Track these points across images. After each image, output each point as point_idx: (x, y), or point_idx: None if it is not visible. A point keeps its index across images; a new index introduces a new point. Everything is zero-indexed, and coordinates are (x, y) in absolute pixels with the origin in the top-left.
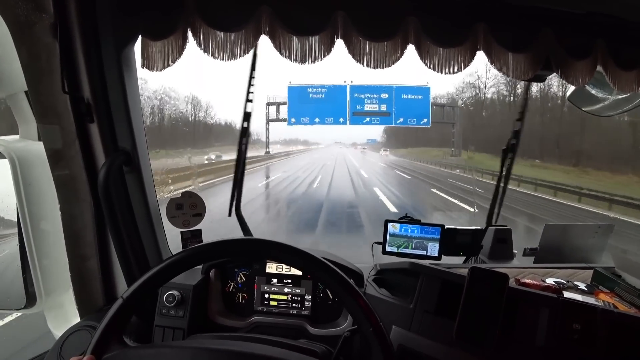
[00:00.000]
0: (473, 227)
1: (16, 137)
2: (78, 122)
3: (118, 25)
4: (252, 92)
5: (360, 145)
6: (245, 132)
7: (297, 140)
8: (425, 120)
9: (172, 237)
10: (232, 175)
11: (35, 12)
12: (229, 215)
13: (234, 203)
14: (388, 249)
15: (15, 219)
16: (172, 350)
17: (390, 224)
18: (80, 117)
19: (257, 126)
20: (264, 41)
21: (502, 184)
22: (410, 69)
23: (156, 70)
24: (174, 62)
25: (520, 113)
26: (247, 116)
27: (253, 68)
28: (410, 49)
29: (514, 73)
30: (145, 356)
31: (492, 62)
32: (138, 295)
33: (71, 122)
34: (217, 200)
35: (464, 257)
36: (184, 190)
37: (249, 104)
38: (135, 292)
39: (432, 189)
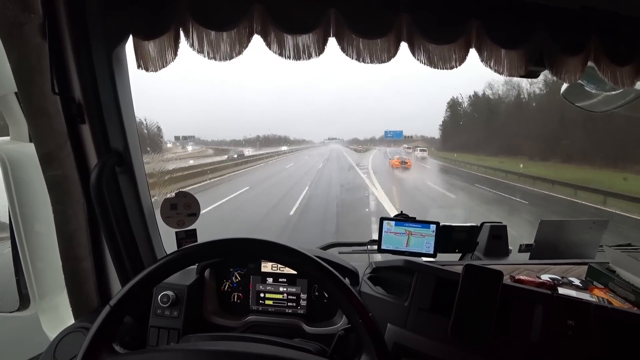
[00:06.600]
0: (469, 224)
1: (7, 138)
2: (69, 123)
3: (108, 24)
4: None
5: (362, 144)
6: None
7: (272, 138)
8: None
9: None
10: None
11: (24, 12)
12: None
13: None
14: (384, 246)
15: (7, 221)
16: (163, 354)
17: (385, 222)
18: (72, 118)
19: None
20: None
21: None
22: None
23: (152, 71)
24: (169, 63)
25: None
26: None
27: None
28: (404, 45)
29: (506, 70)
30: None
31: (483, 60)
32: (127, 300)
33: (62, 123)
34: None
35: (460, 254)
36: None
37: None
38: (123, 298)
39: None
